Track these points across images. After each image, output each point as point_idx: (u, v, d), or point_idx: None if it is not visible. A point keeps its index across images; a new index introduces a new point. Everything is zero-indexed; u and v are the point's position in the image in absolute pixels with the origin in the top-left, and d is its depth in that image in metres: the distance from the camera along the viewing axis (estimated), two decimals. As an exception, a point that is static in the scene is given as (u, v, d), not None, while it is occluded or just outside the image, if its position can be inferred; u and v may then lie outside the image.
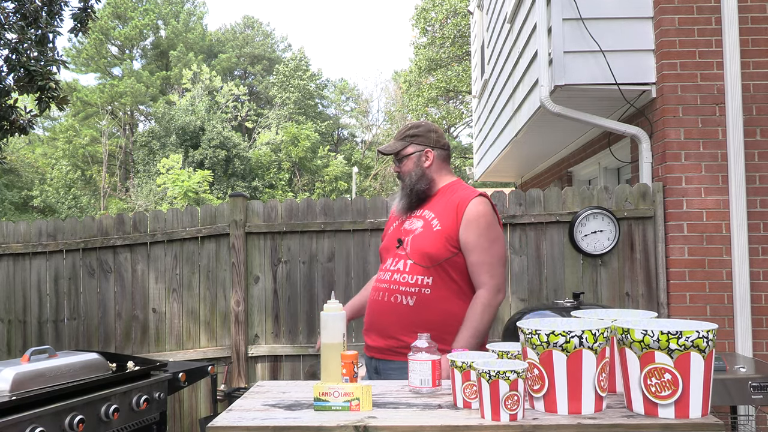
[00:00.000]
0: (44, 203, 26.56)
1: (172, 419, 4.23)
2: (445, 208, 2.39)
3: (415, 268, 2.35)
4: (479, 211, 2.35)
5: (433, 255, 2.33)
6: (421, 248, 2.35)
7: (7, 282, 4.51)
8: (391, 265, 2.43)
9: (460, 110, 22.49)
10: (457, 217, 2.34)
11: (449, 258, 2.33)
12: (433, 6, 19.57)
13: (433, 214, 2.40)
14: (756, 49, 3.97)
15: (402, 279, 2.36)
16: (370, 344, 2.44)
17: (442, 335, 2.27)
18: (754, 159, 3.95)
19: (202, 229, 4.31)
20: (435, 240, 2.34)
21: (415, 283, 2.34)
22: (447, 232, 2.34)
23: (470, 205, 2.35)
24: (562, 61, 4.16)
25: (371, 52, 63.50)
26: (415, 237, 2.39)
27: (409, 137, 2.51)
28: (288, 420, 1.60)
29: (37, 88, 4.82)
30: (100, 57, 31.70)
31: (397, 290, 2.36)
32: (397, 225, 2.52)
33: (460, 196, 2.40)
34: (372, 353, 2.44)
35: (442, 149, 2.52)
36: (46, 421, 2.21)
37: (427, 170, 2.48)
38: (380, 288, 2.43)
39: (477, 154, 8.71)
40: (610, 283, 4.04)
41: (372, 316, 2.45)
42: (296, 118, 31.23)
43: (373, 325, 2.43)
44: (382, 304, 2.39)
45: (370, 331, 2.45)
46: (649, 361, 1.51)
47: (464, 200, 2.37)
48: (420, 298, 2.33)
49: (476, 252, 2.32)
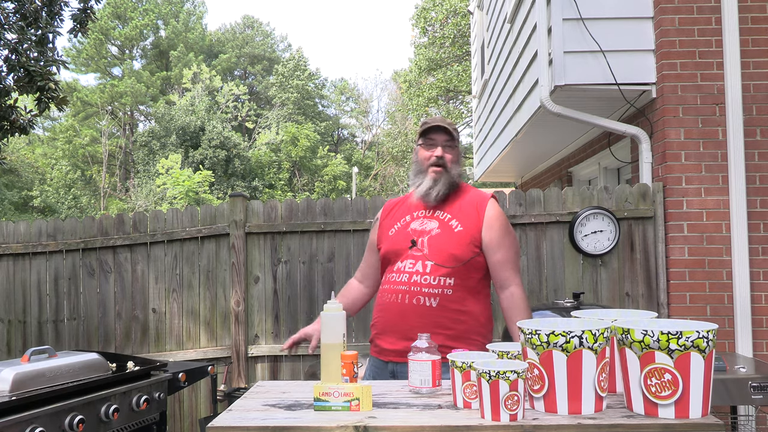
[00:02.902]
0: (44, 203, 26.55)
1: (172, 419, 4.23)
2: (463, 210, 2.41)
3: (436, 269, 2.33)
4: (498, 211, 2.42)
5: (459, 256, 2.34)
6: (445, 249, 2.34)
7: (7, 282, 4.50)
8: (407, 266, 2.38)
9: (460, 110, 22.48)
10: (478, 217, 2.38)
11: (472, 258, 2.35)
12: (433, 6, 19.56)
13: (449, 215, 2.41)
14: (756, 49, 3.97)
15: (423, 280, 2.34)
16: (387, 347, 2.38)
17: (460, 335, 2.30)
18: (754, 159, 3.95)
19: (202, 229, 4.31)
20: (459, 241, 2.35)
21: (438, 284, 2.33)
22: (471, 232, 2.36)
23: (489, 206, 2.41)
24: (562, 61, 4.16)
25: (371, 52, 63.52)
26: (433, 238, 2.37)
27: (456, 131, 2.48)
28: (288, 420, 1.60)
29: (37, 89, 4.81)
30: (100, 57, 31.70)
31: (420, 291, 2.33)
32: (402, 225, 2.47)
33: (476, 197, 2.44)
34: (389, 357, 2.38)
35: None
36: (46, 421, 2.21)
37: (459, 167, 2.51)
38: (397, 290, 2.37)
39: (477, 154, 8.71)
40: (610, 283, 4.04)
41: (390, 318, 2.39)
42: (296, 119, 31.23)
43: (392, 328, 2.37)
44: (403, 306, 2.34)
45: (386, 334, 2.39)
46: (649, 361, 1.51)
47: (483, 201, 2.42)
48: (443, 298, 2.32)
49: (502, 250, 2.37)
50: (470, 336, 2.33)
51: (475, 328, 2.35)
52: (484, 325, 2.39)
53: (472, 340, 2.32)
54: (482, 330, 2.38)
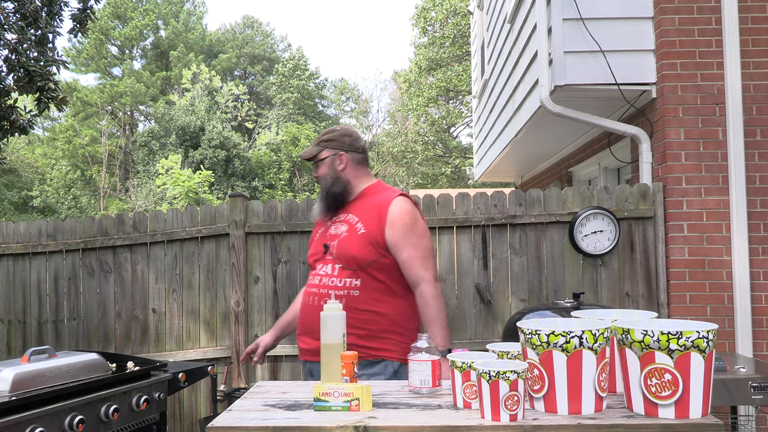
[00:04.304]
0: (44, 203, 26.54)
1: (172, 419, 4.23)
2: (368, 211, 2.44)
3: (343, 271, 2.40)
4: (402, 210, 2.41)
5: (359, 258, 2.37)
6: (348, 252, 2.39)
7: (7, 282, 4.50)
8: (320, 270, 2.48)
9: (460, 110, 22.48)
10: (380, 218, 2.39)
11: (376, 260, 2.37)
12: (433, 6, 19.57)
13: (356, 218, 2.45)
14: (756, 49, 3.97)
15: (331, 282, 2.42)
16: (303, 347, 2.49)
17: (373, 334, 2.35)
18: (754, 159, 3.95)
19: (202, 229, 4.31)
20: (360, 243, 2.38)
21: (344, 285, 2.39)
22: (372, 234, 2.38)
23: (392, 205, 2.41)
24: (562, 61, 4.16)
25: (371, 52, 63.49)
26: (341, 241, 2.43)
27: (323, 142, 2.57)
28: (288, 420, 1.60)
29: (37, 89, 4.82)
30: (100, 57, 31.70)
31: (327, 293, 2.40)
32: (323, 231, 2.56)
33: (381, 197, 2.46)
34: (306, 356, 2.49)
35: (357, 152, 2.56)
36: (46, 421, 2.21)
37: (341, 173, 2.52)
38: (310, 293, 2.48)
39: (477, 155, 8.71)
40: (610, 283, 4.04)
41: (304, 320, 2.49)
42: (296, 119, 31.22)
43: (306, 329, 2.47)
44: (313, 308, 2.42)
45: (302, 335, 2.50)
46: (649, 361, 1.51)
47: (386, 201, 2.42)
48: (349, 299, 2.36)
49: (406, 249, 2.37)
50: (384, 335, 2.38)
51: (390, 327, 2.39)
52: (400, 324, 2.42)
53: (386, 339, 2.37)
54: (398, 328, 2.41)
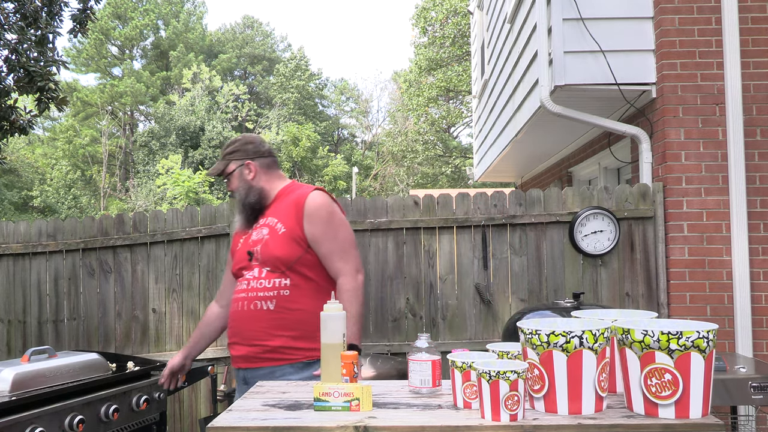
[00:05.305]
0: (44, 203, 26.55)
1: (172, 419, 4.23)
2: (285, 209, 2.41)
3: (271, 273, 2.37)
4: (318, 203, 2.38)
5: (284, 257, 2.34)
6: (272, 253, 2.36)
7: (7, 282, 4.50)
8: (247, 275, 2.42)
9: (460, 110, 22.48)
10: (298, 214, 2.37)
11: (301, 257, 2.35)
12: (433, 6, 19.56)
13: (276, 219, 2.42)
14: (756, 49, 3.97)
15: (259, 285, 2.37)
16: (235, 355, 2.43)
17: (308, 334, 2.28)
18: (754, 159, 3.95)
19: (201, 229, 4.31)
20: (283, 242, 2.35)
21: (273, 286, 2.35)
22: (292, 231, 2.36)
23: (308, 200, 2.38)
24: (562, 61, 4.16)
25: (371, 52, 63.51)
26: (264, 244, 2.39)
27: (228, 155, 2.54)
28: (288, 420, 1.60)
29: (37, 89, 4.82)
30: (100, 57, 31.71)
31: (256, 297, 2.36)
32: (245, 240, 2.50)
33: (296, 194, 2.43)
34: (239, 364, 2.43)
35: (263, 157, 2.53)
36: (46, 421, 2.21)
37: (252, 182, 2.49)
38: (239, 299, 2.42)
39: (477, 155, 8.71)
40: (610, 283, 4.03)
41: (234, 327, 2.44)
42: (296, 119, 31.22)
43: (236, 336, 2.42)
44: (243, 313, 2.39)
45: (234, 343, 2.44)
46: (649, 361, 1.51)
47: (301, 197, 2.40)
48: (280, 300, 2.34)
49: (325, 242, 2.36)
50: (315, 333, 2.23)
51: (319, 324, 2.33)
52: None
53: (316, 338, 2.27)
54: None
